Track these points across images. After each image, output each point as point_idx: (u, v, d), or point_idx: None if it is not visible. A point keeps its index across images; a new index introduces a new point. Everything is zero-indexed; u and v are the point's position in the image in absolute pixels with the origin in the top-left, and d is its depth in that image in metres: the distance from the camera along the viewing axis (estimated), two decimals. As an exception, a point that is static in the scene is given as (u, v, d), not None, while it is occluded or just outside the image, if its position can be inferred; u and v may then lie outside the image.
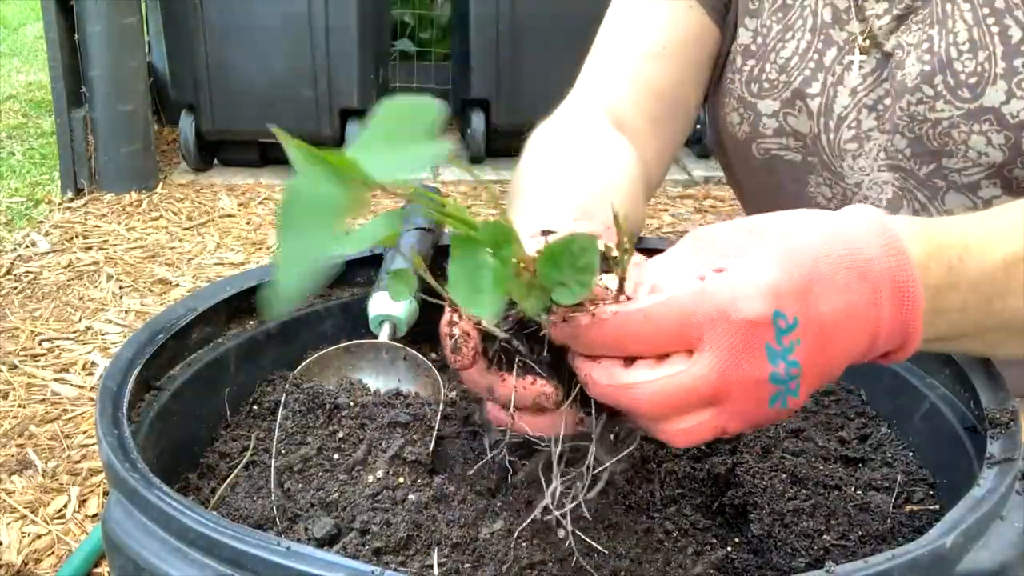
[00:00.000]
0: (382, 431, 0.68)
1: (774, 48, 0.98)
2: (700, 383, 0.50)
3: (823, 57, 0.95)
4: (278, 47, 3.01)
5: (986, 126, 0.85)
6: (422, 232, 0.88)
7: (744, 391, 0.50)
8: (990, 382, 0.66)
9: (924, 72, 0.88)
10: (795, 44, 0.96)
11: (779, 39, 0.97)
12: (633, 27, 0.99)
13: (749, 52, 0.99)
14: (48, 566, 1.38)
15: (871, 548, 0.61)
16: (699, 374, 0.50)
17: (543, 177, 0.79)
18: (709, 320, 0.49)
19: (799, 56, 0.96)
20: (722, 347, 0.49)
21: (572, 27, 3.11)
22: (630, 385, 0.51)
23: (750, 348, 0.49)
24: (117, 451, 0.57)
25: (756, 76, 0.99)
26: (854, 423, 0.77)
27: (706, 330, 0.49)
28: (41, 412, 1.76)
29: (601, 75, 0.98)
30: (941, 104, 0.87)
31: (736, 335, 0.49)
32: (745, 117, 1.00)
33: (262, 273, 0.82)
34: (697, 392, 0.50)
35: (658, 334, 0.50)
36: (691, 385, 0.50)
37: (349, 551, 0.57)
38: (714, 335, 0.49)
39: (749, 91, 0.99)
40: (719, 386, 0.50)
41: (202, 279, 2.38)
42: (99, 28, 2.84)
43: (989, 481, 0.55)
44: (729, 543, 0.62)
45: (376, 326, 0.81)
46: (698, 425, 0.51)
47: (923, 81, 0.88)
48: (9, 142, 3.54)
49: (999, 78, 0.84)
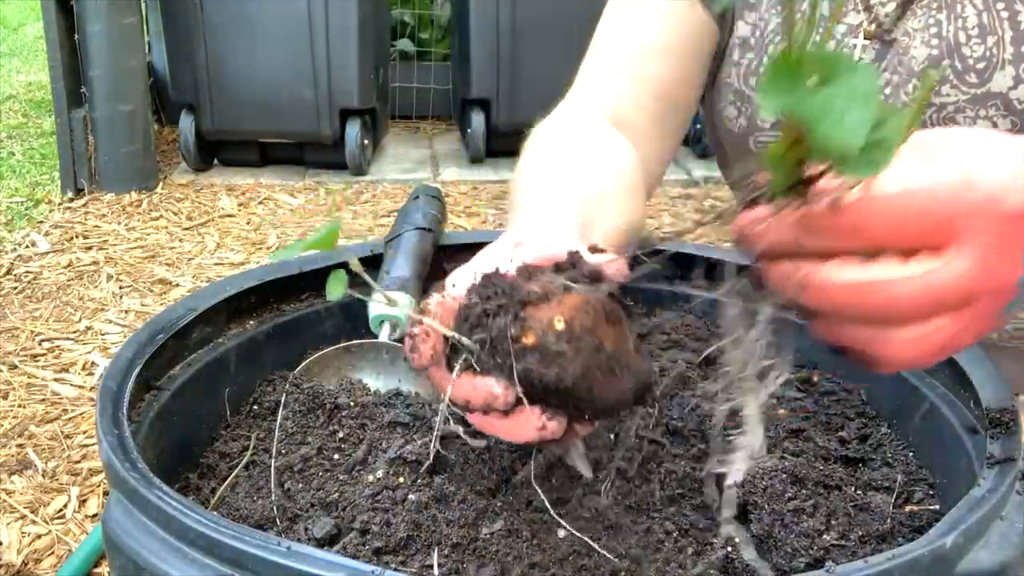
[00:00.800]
0: (382, 431, 0.68)
1: (772, 41, 0.97)
2: (963, 281, 0.44)
3: None
4: (278, 47, 3.01)
5: (992, 111, 0.85)
6: (422, 232, 0.88)
7: (994, 293, 0.46)
8: (991, 382, 0.66)
9: (932, 56, 0.88)
10: None
11: (777, 32, 0.97)
12: (632, 24, 0.98)
13: (747, 45, 0.99)
14: (48, 566, 1.38)
15: (871, 548, 0.61)
16: (963, 270, 0.44)
17: (542, 182, 0.79)
18: (975, 211, 0.44)
19: None
20: (986, 242, 0.44)
21: (572, 27, 3.11)
22: (883, 282, 0.45)
23: (1011, 246, 0.45)
24: (117, 451, 0.56)
25: (754, 69, 0.98)
26: (854, 423, 0.77)
27: (970, 222, 0.44)
28: (41, 412, 1.76)
29: (600, 73, 0.98)
30: (947, 88, 0.87)
31: (1001, 230, 0.44)
32: (743, 111, 1.00)
33: (262, 273, 0.82)
34: (956, 291, 0.45)
35: (913, 224, 0.45)
36: (954, 283, 0.44)
37: (349, 551, 0.57)
38: (979, 228, 0.44)
39: (747, 84, 0.99)
40: (978, 285, 0.45)
41: (202, 279, 2.38)
42: (99, 28, 2.84)
43: (989, 481, 0.55)
44: (729, 543, 0.62)
45: (376, 326, 0.81)
46: (936, 332, 0.46)
47: (930, 65, 0.88)
48: (9, 142, 3.54)
49: (1007, 63, 0.85)
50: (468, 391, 0.52)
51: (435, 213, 0.91)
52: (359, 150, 3.14)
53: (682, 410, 0.72)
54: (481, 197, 3.03)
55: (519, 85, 3.16)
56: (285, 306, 0.84)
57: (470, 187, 3.12)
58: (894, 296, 0.45)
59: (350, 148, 3.13)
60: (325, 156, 3.21)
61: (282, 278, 0.83)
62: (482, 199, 3.02)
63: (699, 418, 0.72)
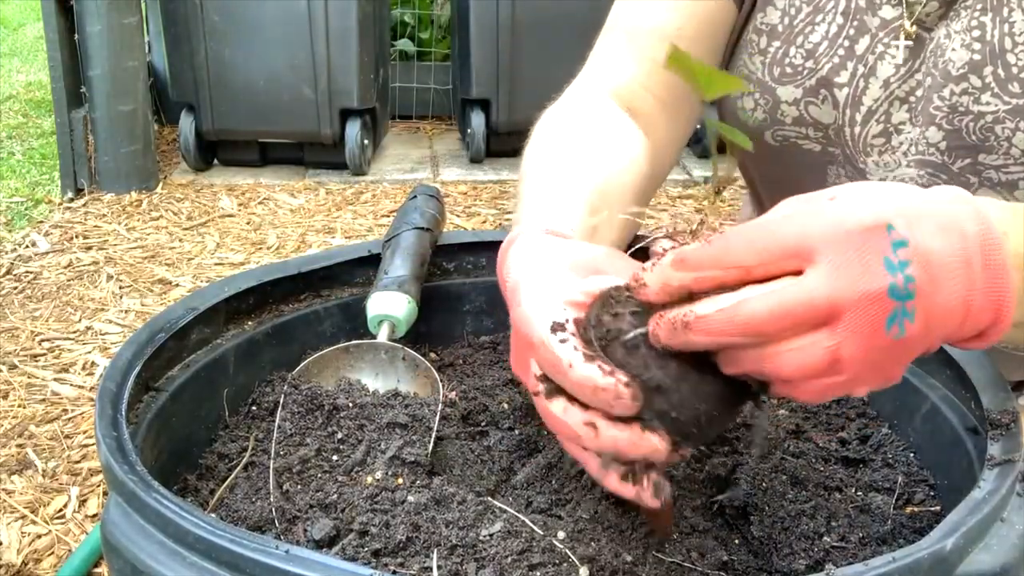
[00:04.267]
0: (381, 432, 0.68)
1: (802, 31, 0.92)
2: (815, 294, 0.47)
3: (855, 45, 0.90)
4: (278, 47, 3.01)
5: None
6: (420, 231, 0.87)
7: (861, 306, 0.47)
8: (991, 383, 0.66)
9: (973, 61, 0.83)
10: (824, 28, 0.91)
11: (808, 21, 0.92)
12: (647, 7, 0.95)
13: (775, 33, 0.94)
14: (48, 566, 1.38)
15: (871, 550, 0.61)
16: (814, 284, 0.48)
17: (551, 169, 0.77)
18: (825, 231, 0.48)
19: (828, 41, 0.91)
20: (838, 257, 0.47)
21: (572, 27, 3.11)
22: (740, 302, 0.49)
23: (867, 256, 0.48)
24: (116, 453, 0.56)
25: (779, 59, 0.93)
26: (855, 424, 0.77)
27: (821, 242, 0.48)
28: (41, 412, 1.76)
29: (612, 56, 0.95)
30: (988, 96, 0.83)
31: (852, 243, 0.48)
32: (761, 103, 0.95)
33: (261, 274, 0.82)
34: (810, 304, 0.48)
35: (771, 248, 0.49)
36: (806, 296, 0.48)
37: (348, 553, 0.56)
38: (829, 246, 0.48)
39: (771, 75, 0.94)
40: (834, 298, 0.47)
41: (202, 279, 2.38)
42: (99, 28, 2.84)
43: (990, 483, 0.55)
44: (729, 545, 0.62)
45: (375, 326, 0.81)
46: (811, 346, 0.48)
47: (971, 71, 0.83)
48: (9, 142, 3.54)
49: None
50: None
51: (433, 213, 0.91)
52: (359, 150, 3.14)
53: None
54: (481, 197, 3.03)
55: (519, 85, 3.16)
56: (284, 307, 0.84)
57: (470, 187, 3.12)
58: (754, 312, 0.48)
59: (350, 148, 3.13)
60: (325, 156, 3.21)
61: (281, 279, 0.83)
62: (482, 199, 3.01)
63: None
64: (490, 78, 3.17)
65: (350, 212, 2.87)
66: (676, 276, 0.51)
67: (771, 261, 0.49)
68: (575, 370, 0.52)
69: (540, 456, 0.68)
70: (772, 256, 0.49)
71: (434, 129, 3.83)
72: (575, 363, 0.52)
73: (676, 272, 0.51)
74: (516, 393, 0.78)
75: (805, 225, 0.49)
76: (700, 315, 0.50)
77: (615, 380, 0.51)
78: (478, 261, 0.92)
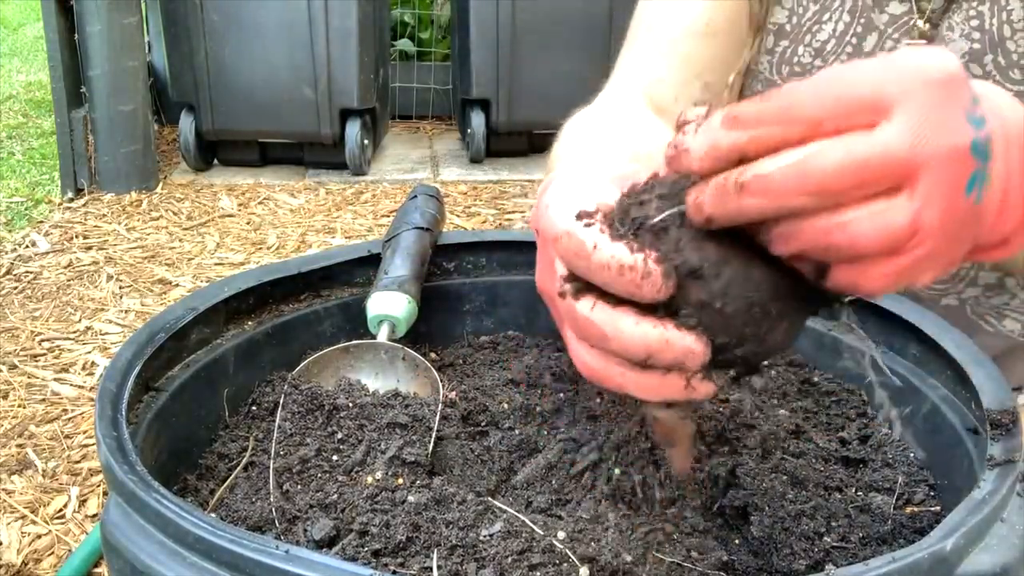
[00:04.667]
0: (381, 432, 0.68)
1: (809, 30, 0.92)
2: (894, 146, 0.42)
3: (863, 42, 0.90)
4: (278, 47, 3.01)
5: None
6: (420, 231, 0.87)
7: (942, 162, 0.42)
8: (991, 383, 0.66)
9: (973, 51, 0.84)
10: (832, 26, 0.91)
11: (815, 20, 0.92)
12: (673, 4, 0.94)
13: (783, 32, 0.94)
14: (48, 566, 1.38)
15: (871, 550, 0.61)
16: (893, 135, 0.42)
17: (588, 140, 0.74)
18: (902, 80, 0.42)
19: (836, 39, 0.91)
20: (919, 108, 0.42)
21: (572, 27, 3.11)
22: (808, 156, 0.42)
23: (949, 109, 0.42)
24: (116, 453, 0.56)
25: (787, 58, 0.94)
26: (855, 424, 0.77)
27: (898, 92, 0.42)
28: (41, 412, 1.76)
29: (641, 57, 0.94)
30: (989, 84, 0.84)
31: (933, 94, 0.42)
32: None
33: (261, 274, 0.82)
34: (889, 158, 0.42)
35: (843, 101, 0.43)
36: (883, 149, 0.42)
37: (348, 553, 0.56)
38: (908, 96, 0.42)
39: (779, 74, 0.94)
40: (915, 153, 0.42)
41: (202, 279, 2.38)
42: (99, 28, 2.84)
43: (990, 483, 0.55)
44: (729, 545, 0.62)
45: (375, 326, 0.81)
46: (890, 210, 0.42)
47: (971, 60, 0.84)
48: (9, 142, 3.54)
49: None
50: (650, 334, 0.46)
51: (433, 213, 0.91)
52: (359, 150, 3.14)
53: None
54: (481, 197, 3.03)
55: (519, 85, 3.16)
56: (284, 307, 0.84)
57: (470, 187, 3.12)
58: (825, 166, 0.42)
59: (350, 148, 3.13)
60: (325, 156, 3.21)
61: (281, 279, 0.83)
62: (482, 199, 3.01)
63: (699, 419, 0.71)
64: (490, 78, 3.17)
65: (350, 212, 2.87)
66: (728, 136, 0.44)
67: (843, 114, 0.43)
68: (600, 250, 0.46)
69: (540, 456, 0.68)
70: (845, 108, 0.43)
71: (434, 129, 3.83)
72: (600, 243, 0.46)
73: (728, 131, 0.44)
74: (516, 393, 0.78)
75: (881, 74, 0.43)
76: (761, 173, 0.43)
77: (643, 255, 0.45)
78: (478, 261, 0.92)
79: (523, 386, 0.80)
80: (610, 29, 3.06)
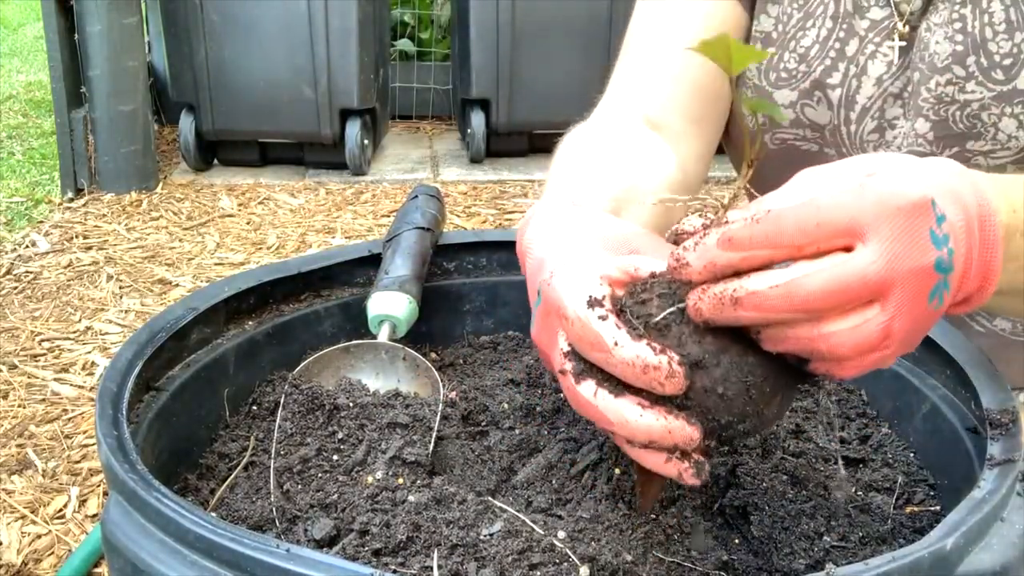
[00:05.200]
0: (381, 432, 0.68)
1: (794, 36, 0.95)
2: (869, 270, 0.48)
3: (845, 47, 0.93)
4: (278, 47, 3.01)
5: (1018, 108, 0.84)
6: (421, 231, 0.87)
7: (910, 280, 0.49)
8: (991, 383, 0.66)
9: (956, 52, 0.86)
10: (815, 32, 0.94)
11: (799, 27, 0.95)
12: (665, 21, 0.96)
13: (769, 40, 0.97)
14: (48, 566, 1.38)
15: (871, 550, 0.61)
16: (868, 260, 0.48)
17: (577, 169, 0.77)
18: (875, 208, 0.48)
19: (819, 45, 0.94)
20: (889, 234, 0.48)
21: (572, 27, 3.11)
22: (797, 279, 0.48)
23: (915, 233, 0.48)
24: (116, 453, 0.56)
25: (774, 65, 0.96)
26: (855, 424, 0.77)
27: (871, 219, 0.48)
28: (41, 412, 1.76)
29: (635, 75, 0.96)
30: (972, 85, 0.86)
31: (901, 221, 0.48)
32: None
33: (261, 274, 0.82)
34: (865, 280, 0.48)
35: (822, 227, 0.49)
36: (860, 272, 0.48)
37: (348, 552, 0.56)
38: (880, 223, 0.48)
39: (767, 80, 0.97)
40: (887, 274, 0.48)
41: (202, 279, 2.38)
42: (99, 28, 2.84)
43: (990, 482, 0.55)
44: (729, 545, 0.62)
45: (375, 326, 0.81)
46: (865, 324, 0.49)
47: (954, 61, 0.86)
48: (9, 142, 3.54)
49: None
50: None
51: (434, 213, 0.91)
52: (359, 150, 3.14)
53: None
54: (481, 197, 3.03)
55: (519, 85, 3.16)
56: (284, 307, 0.84)
57: (470, 187, 3.12)
58: (809, 289, 0.48)
59: (350, 148, 3.13)
60: (325, 156, 3.21)
61: (281, 279, 0.83)
62: (482, 199, 3.01)
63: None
64: (490, 78, 3.17)
65: (350, 212, 2.88)
66: (723, 256, 0.50)
67: (823, 238, 0.49)
68: (623, 349, 0.51)
69: (540, 456, 0.68)
70: (824, 235, 0.49)
71: (434, 129, 3.83)
72: (622, 341, 0.51)
73: (724, 252, 0.50)
74: (516, 393, 0.78)
75: (855, 204, 0.49)
76: (752, 291, 0.49)
77: (667, 358, 0.50)
78: (478, 261, 0.93)
79: (523, 386, 0.80)
80: (610, 29, 3.06)
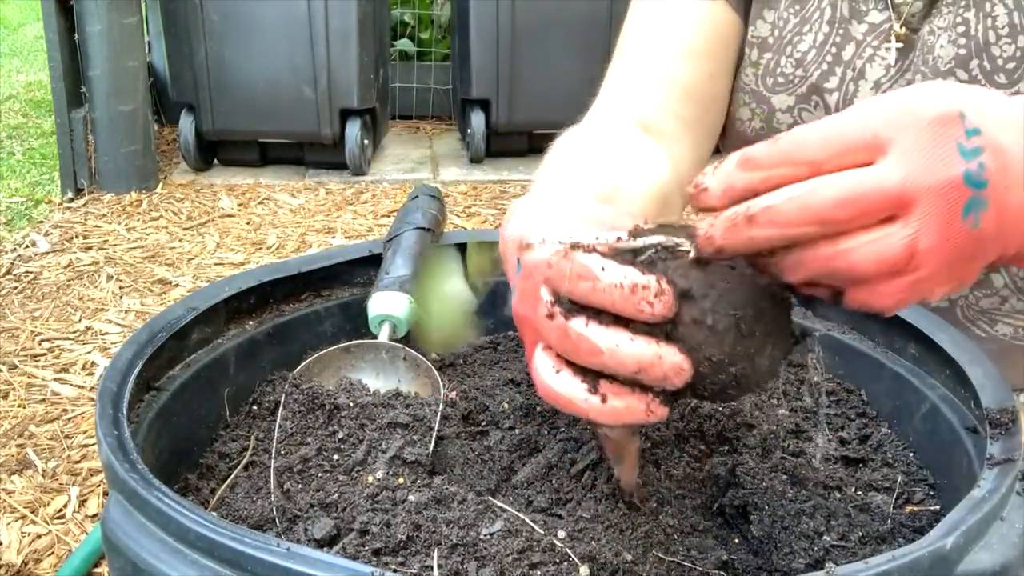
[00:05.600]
0: (382, 432, 0.68)
1: (790, 41, 0.95)
2: (887, 180, 0.46)
3: (841, 51, 0.93)
4: (278, 47, 3.01)
5: None
6: (421, 231, 0.87)
7: (934, 194, 0.46)
8: (990, 382, 0.66)
9: (959, 56, 0.86)
10: (812, 37, 0.94)
11: (796, 32, 0.95)
12: (659, 25, 0.96)
13: (766, 45, 0.97)
14: (48, 566, 1.38)
15: (871, 549, 0.61)
16: (886, 170, 0.46)
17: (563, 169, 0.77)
18: (898, 120, 0.47)
19: (816, 49, 0.94)
20: (911, 144, 0.46)
21: (572, 28, 3.11)
22: (812, 188, 0.46)
23: (940, 145, 0.46)
24: (117, 452, 0.56)
25: (771, 70, 0.96)
26: (855, 423, 0.77)
27: (895, 131, 0.46)
28: (41, 412, 1.76)
29: (628, 78, 0.96)
30: None
31: (926, 132, 0.46)
32: (757, 113, 0.98)
33: (261, 273, 0.82)
34: (882, 191, 0.46)
35: (842, 141, 0.47)
36: (877, 182, 0.46)
37: (349, 552, 0.57)
38: (902, 135, 0.46)
39: (764, 85, 0.97)
40: (906, 185, 0.46)
41: (202, 279, 2.38)
42: (99, 28, 2.84)
43: (989, 482, 0.55)
44: (729, 544, 0.62)
45: (376, 326, 0.81)
46: (885, 238, 0.46)
47: (957, 65, 0.86)
48: (9, 142, 3.54)
49: None
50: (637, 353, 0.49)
51: (434, 213, 0.91)
52: (359, 150, 3.14)
53: (682, 411, 0.72)
54: (481, 197, 3.03)
55: (519, 85, 3.16)
56: (284, 307, 0.84)
57: (470, 187, 3.12)
58: (825, 197, 0.46)
59: (350, 148, 3.13)
60: (325, 156, 3.21)
61: (281, 279, 0.83)
62: (482, 199, 3.02)
63: (699, 419, 0.72)
64: (490, 78, 3.17)
65: (350, 212, 2.88)
66: (742, 177, 0.49)
67: (844, 153, 0.47)
68: (609, 272, 0.49)
69: (540, 456, 0.69)
70: (845, 148, 0.47)
71: (434, 129, 3.84)
72: (608, 266, 0.49)
73: (742, 172, 0.49)
74: (516, 393, 0.78)
75: (877, 116, 0.47)
76: (767, 205, 0.47)
77: (656, 277, 0.49)
78: (478, 261, 0.92)
79: (523, 386, 0.80)
80: (610, 29, 3.06)
